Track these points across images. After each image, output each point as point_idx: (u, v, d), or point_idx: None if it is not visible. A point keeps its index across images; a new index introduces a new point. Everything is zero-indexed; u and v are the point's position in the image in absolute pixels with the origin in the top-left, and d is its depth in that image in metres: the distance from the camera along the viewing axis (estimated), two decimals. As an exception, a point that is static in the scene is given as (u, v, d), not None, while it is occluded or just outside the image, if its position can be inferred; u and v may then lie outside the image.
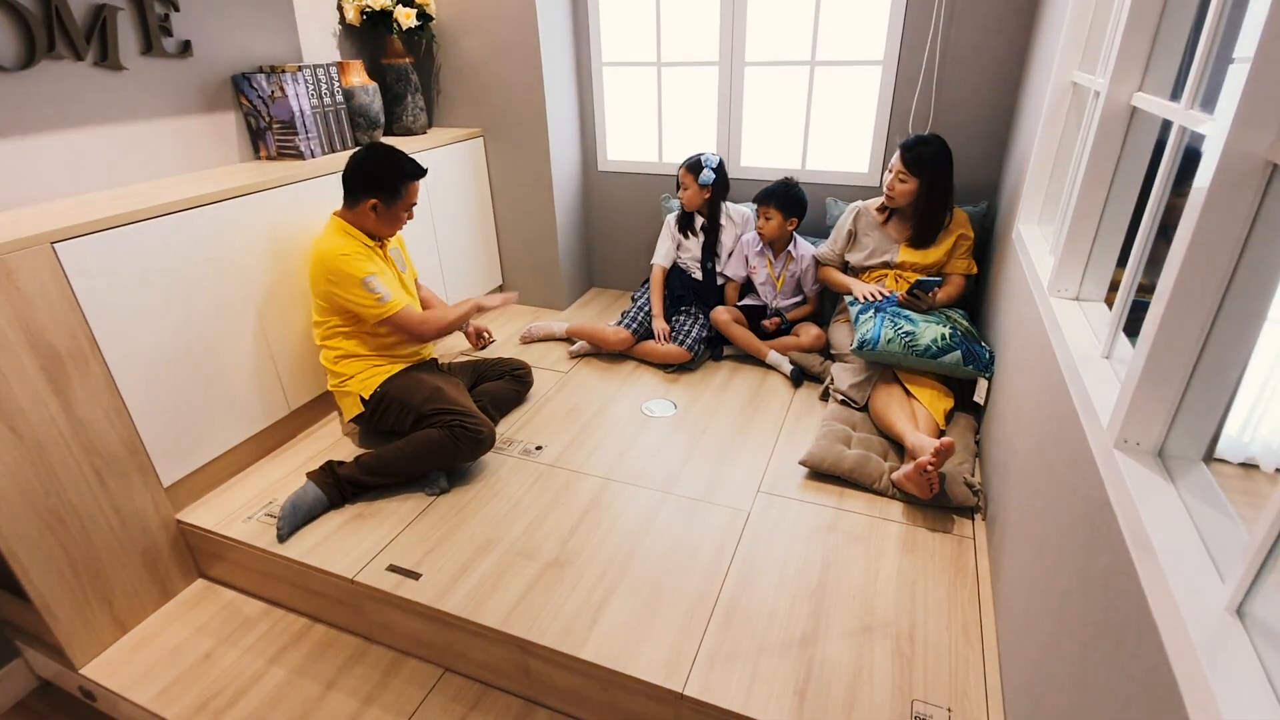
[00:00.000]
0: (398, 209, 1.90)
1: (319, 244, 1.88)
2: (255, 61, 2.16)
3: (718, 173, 2.52)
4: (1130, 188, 1.32)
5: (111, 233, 1.56)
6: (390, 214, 1.90)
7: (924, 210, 2.21)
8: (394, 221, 1.93)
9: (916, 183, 2.16)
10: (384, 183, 1.85)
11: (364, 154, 1.87)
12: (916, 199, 2.19)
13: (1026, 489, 1.36)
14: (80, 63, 1.71)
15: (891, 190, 2.21)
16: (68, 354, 1.49)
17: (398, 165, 1.87)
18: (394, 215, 1.91)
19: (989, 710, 1.25)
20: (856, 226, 2.38)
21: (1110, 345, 1.15)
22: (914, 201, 2.20)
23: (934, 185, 2.17)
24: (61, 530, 1.52)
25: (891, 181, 2.20)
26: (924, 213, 2.22)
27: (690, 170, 2.52)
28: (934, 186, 2.17)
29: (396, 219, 1.92)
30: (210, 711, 1.49)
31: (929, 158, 2.13)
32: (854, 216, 2.38)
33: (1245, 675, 0.58)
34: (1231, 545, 0.72)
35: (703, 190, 2.53)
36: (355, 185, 1.87)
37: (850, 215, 2.39)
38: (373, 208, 1.86)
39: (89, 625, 1.60)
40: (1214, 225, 0.77)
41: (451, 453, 1.84)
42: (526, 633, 1.42)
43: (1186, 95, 0.98)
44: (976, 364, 1.96)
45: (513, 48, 2.63)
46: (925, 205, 2.20)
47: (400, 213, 1.91)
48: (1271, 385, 1.44)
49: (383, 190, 1.85)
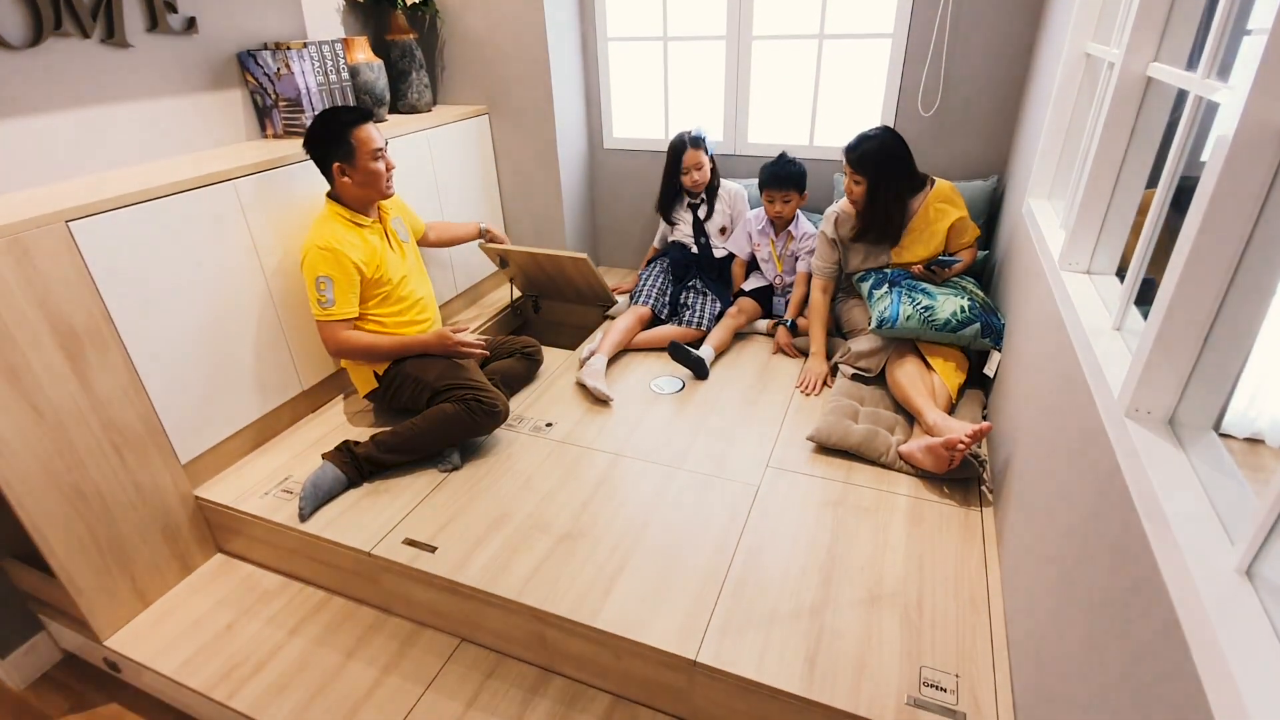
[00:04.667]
0: (362, 160, 1.81)
1: (310, 229, 1.87)
2: (260, 38, 2.15)
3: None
4: (1143, 160, 1.32)
5: (124, 211, 1.56)
6: (360, 171, 1.82)
7: (878, 207, 2.10)
8: (371, 178, 1.84)
9: (866, 182, 2.07)
10: (332, 140, 1.80)
11: (308, 128, 1.83)
12: (868, 197, 2.10)
13: (1034, 460, 1.38)
14: (87, 40, 1.70)
15: (852, 196, 2.14)
16: (85, 332, 1.51)
17: (334, 117, 1.81)
18: (364, 170, 1.82)
19: (996, 675, 1.28)
20: (839, 234, 2.25)
21: (1121, 317, 1.16)
22: (867, 201, 2.11)
23: (881, 180, 2.06)
24: (83, 505, 1.54)
25: (848, 185, 2.13)
26: (879, 210, 2.11)
27: (698, 145, 2.49)
28: (882, 182, 2.07)
29: (370, 173, 1.83)
30: (233, 681, 1.52)
31: (871, 153, 2.05)
32: (833, 223, 2.24)
33: (1255, 633, 0.60)
34: (1241, 510, 0.73)
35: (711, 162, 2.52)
36: (317, 159, 1.84)
37: (830, 224, 2.25)
38: (340, 171, 1.82)
39: (112, 598, 1.63)
40: (1230, 193, 0.77)
41: (468, 426, 1.86)
42: (541, 603, 1.45)
43: (1203, 65, 0.97)
44: (993, 335, 1.97)
45: (517, 23, 2.61)
46: (881, 201, 2.09)
47: (367, 163, 1.81)
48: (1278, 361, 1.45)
49: (335, 147, 1.80)
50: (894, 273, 2.16)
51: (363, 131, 1.81)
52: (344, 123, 1.80)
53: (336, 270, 1.81)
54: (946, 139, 2.52)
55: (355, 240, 1.87)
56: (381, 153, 1.85)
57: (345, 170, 1.83)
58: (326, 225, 1.84)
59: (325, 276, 1.81)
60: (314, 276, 1.81)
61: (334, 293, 1.82)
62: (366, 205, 1.91)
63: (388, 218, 2.02)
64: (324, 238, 1.81)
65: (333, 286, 1.81)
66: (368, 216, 1.93)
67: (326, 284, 1.81)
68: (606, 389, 2.16)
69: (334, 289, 1.82)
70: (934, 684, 1.26)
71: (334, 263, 1.81)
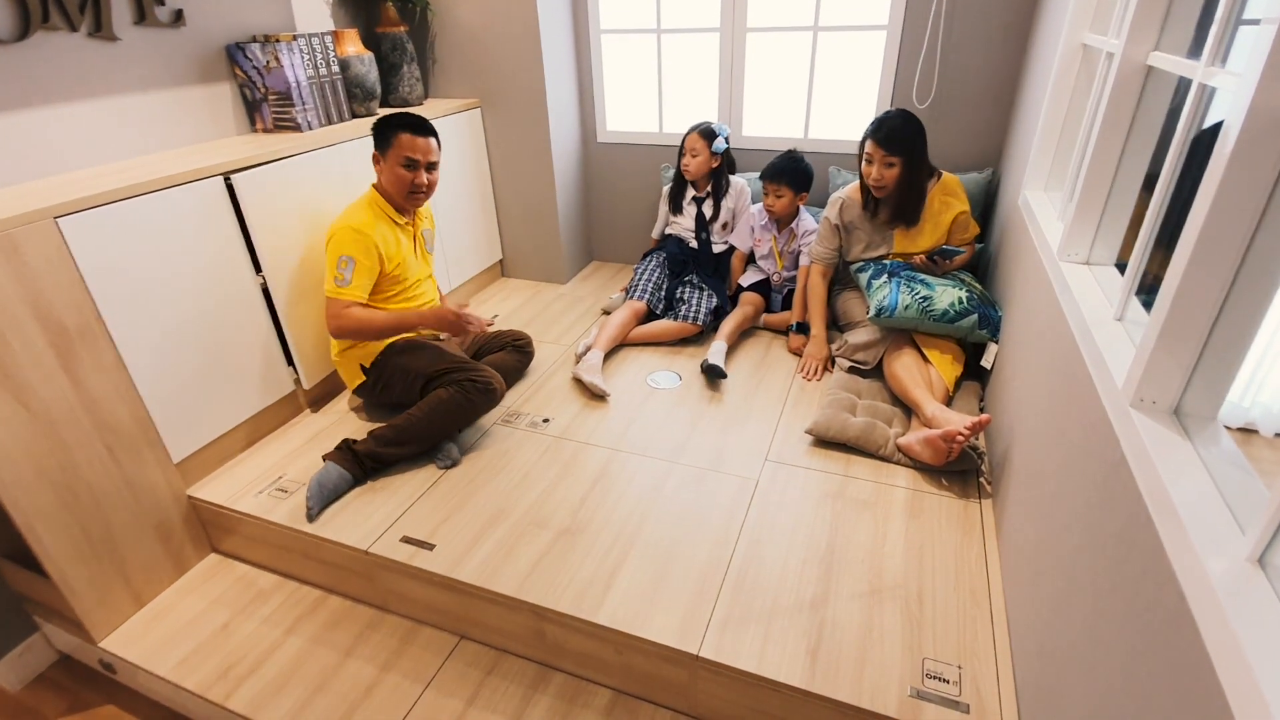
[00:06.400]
0: (392, 160, 1.86)
1: (344, 211, 1.92)
2: (248, 31, 2.12)
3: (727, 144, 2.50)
4: (1143, 150, 1.32)
5: (114, 207, 1.54)
6: (388, 170, 1.88)
7: (907, 188, 2.08)
8: (395, 181, 1.88)
9: (900, 162, 2.03)
10: (380, 134, 1.88)
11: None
12: (900, 180, 2.06)
13: (1035, 450, 1.38)
14: (75, 34, 1.67)
15: (881, 181, 2.06)
16: (75, 330, 1.48)
17: (395, 115, 1.89)
18: (392, 170, 1.87)
19: (998, 666, 1.28)
20: (844, 220, 2.24)
21: (1123, 308, 1.16)
22: (904, 182, 2.08)
23: (914, 160, 2.04)
24: (76, 505, 1.52)
25: (877, 172, 2.05)
26: (907, 190, 2.08)
27: (704, 136, 2.49)
28: (914, 162, 2.04)
29: (395, 176, 1.88)
30: (231, 680, 1.51)
31: (907, 134, 2.01)
32: (839, 209, 2.23)
33: (1271, 622, 0.60)
34: (1250, 499, 0.73)
35: (713, 159, 2.51)
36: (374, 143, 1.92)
37: (835, 209, 2.23)
38: (376, 161, 1.91)
39: (106, 599, 1.61)
40: (1238, 181, 0.77)
41: (465, 408, 1.86)
42: (541, 599, 1.44)
43: (1207, 53, 0.97)
44: (990, 328, 1.97)
45: (509, 15, 2.58)
46: (908, 183, 2.07)
47: (398, 168, 1.86)
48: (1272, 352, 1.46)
49: (382, 139, 1.88)
50: (893, 264, 2.15)
51: (405, 136, 1.86)
52: (397, 122, 1.86)
53: (361, 253, 1.85)
54: (941, 132, 2.51)
55: (385, 232, 1.91)
56: (417, 163, 1.88)
57: (380, 163, 1.90)
58: (362, 211, 1.89)
59: (349, 256, 1.83)
60: (338, 254, 1.83)
61: (353, 273, 1.84)
62: (401, 205, 1.95)
63: (420, 224, 2.06)
64: (358, 220, 1.86)
65: (354, 266, 1.84)
66: (402, 216, 1.97)
67: (348, 263, 1.83)
68: (603, 384, 2.15)
69: (354, 269, 1.84)
70: (937, 675, 1.26)
71: (362, 247, 1.84)
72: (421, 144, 1.87)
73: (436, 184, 1.97)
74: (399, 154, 1.86)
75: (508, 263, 3.16)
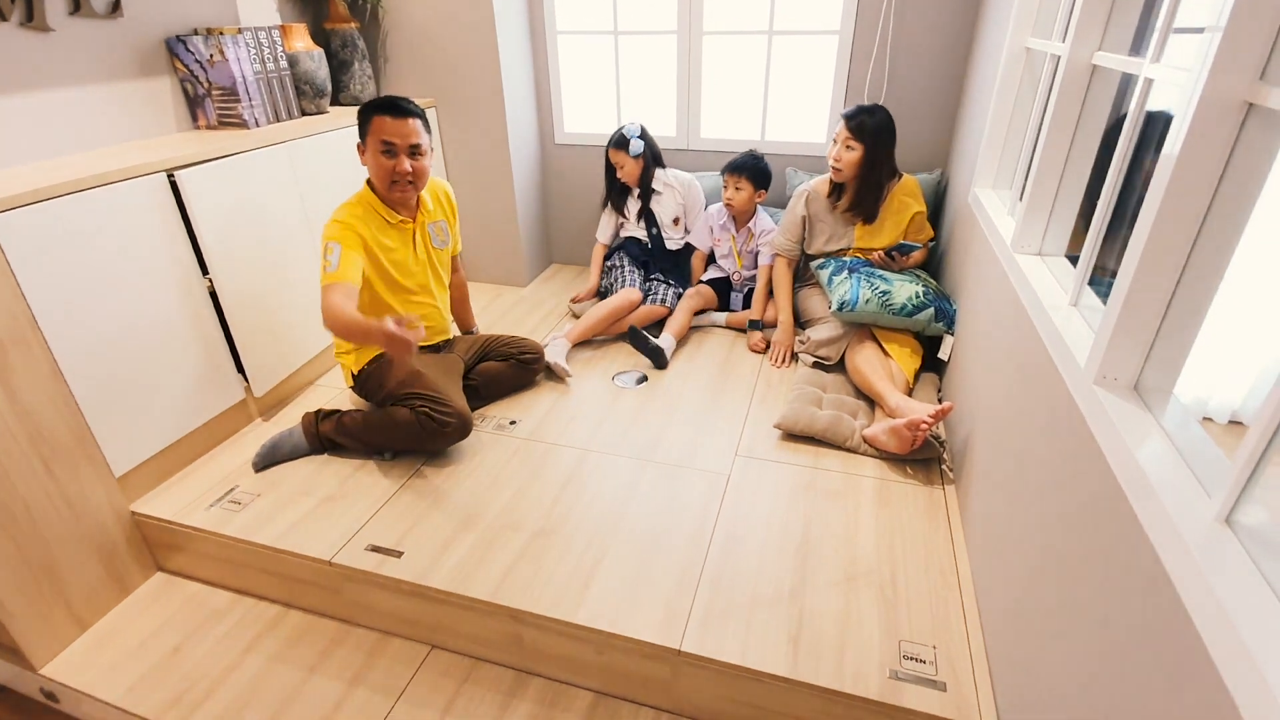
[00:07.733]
0: (373, 150, 1.73)
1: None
2: (189, 23, 2.03)
3: (644, 139, 2.52)
4: (1089, 145, 1.39)
5: (49, 204, 1.44)
6: (372, 160, 1.75)
7: (865, 178, 2.18)
8: (379, 170, 1.75)
9: (862, 149, 2.15)
10: (360, 122, 1.75)
11: None
12: (860, 167, 2.17)
13: (997, 433, 1.43)
14: (5, 23, 1.57)
15: (838, 160, 2.18)
16: (7, 336, 1.38)
17: (370, 101, 1.76)
18: (374, 161, 1.74)
19: (970, 643, 1.32)
20: (809, 211, 2.32)
21: (1077, 294, 1.21)
22: (858, 171, 2.18)
23: (876, 153, 2.15)
24: (10, 524, 1.41)
25: (839, 152, 2.17)
26: (865, 181, 2.19)
27: (618, 147, 2.53)
28: (876, 154, 2.15)
29: (378, 165, 1.74)
30: (185, 706, 1.42)
31: (873, 125, 2.13)
32: (804, 201, 2.31)
33: (1240, 573, 0.63)
34: (1211, 465, 0.77)
35: (637, 161, 2.54)
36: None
37: (800, 200, 2.32)
38: (360, 151, 1.79)
39: (46, 623, 1.50)
40: (1192, 165, 0.81)
41: (416, 436, 1.80)
42: (518, 602, 1.41)
43: (1152, 49, 1.03)
44: (946, 321, 2.04)
45: (464, 13, 2.55)
46: (867, 173, 2.18)
47: (377, 155, 1.73)
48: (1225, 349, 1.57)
49: (361, 126, 1.75)
50: (853, 260, 2.21)
51: (379, 119, 1.71)
52: (374, 105, 1.73)
53: (342, 238, 1.73)
54: (892, 133, 2.59)
55: (375, 231, 1.80)
56: (395, 148, 1.73)
57: (361, 152, 1.79)
58: (348, 207, 1.78)
59: (333, 242, 1.72)
60: (326, 239, 1.73)
61: (339, 257, 1.71)
62: (392, 202, 1.82)
63: (424, 219, 1.93)
64: (341, 214, 1.77)
65: (339, 250, 1.72)
66: (395, 214, 1.83)
67: (334, 248, 1.72)
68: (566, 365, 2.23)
69: (340, 254, 1.71)
70: (913, 656, 1.29)
71: (342, 234, 1.73)
72: (399, 126, 1.71)
73: (425, 172, 1.80)
74: (376, 139, 1.72)
75: (467, 266, 3.10)
